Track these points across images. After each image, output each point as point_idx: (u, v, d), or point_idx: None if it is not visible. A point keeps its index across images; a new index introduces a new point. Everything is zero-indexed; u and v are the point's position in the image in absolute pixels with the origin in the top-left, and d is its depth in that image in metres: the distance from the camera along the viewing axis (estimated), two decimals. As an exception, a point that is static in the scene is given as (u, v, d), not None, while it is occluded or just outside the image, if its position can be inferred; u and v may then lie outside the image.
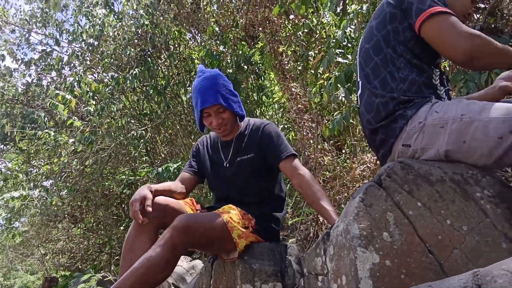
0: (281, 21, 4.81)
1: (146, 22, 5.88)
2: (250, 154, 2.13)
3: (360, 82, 1.63)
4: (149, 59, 6.21)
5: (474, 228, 1.26)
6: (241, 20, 5.44)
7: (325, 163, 4.66)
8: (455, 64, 1.49)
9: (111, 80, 5.61)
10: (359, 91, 1.64)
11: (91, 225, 7.51)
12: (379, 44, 1.55)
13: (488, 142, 1.31)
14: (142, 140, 5.87)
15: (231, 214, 1.89)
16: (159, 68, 6.45)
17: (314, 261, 1.59)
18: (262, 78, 5.92)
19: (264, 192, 2.14)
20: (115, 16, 6.42)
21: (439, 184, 1.32)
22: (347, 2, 4.01)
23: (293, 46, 5.23)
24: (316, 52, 4.83)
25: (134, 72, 5.51)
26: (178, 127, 6.38)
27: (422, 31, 1.44)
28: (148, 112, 6.69)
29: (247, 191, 2.10)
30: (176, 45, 6.82)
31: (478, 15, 3.24)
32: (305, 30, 4.65)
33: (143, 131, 5.86)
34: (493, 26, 3.10)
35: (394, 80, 1.50)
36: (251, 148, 2.14)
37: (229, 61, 5.97)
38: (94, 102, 5.41)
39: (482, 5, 3.24)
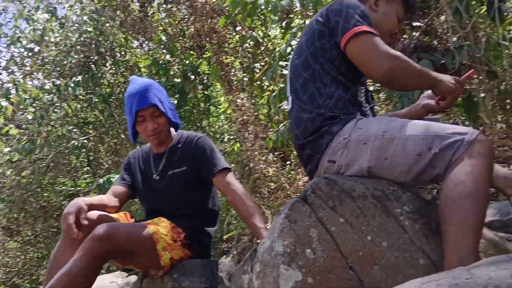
0: (228, 32, 4.80)
1: (89, 29, 5.71)
2: (183, 167, 2.09)
3: (290, 97, 1.64)
4: (93, 66, 6.03)
5: (394, 244, 1.28)
6: (189, 30, 5.39)
7: (270, 174, 4.67)
8: (376, 83, 1.53)
9: (52, 87, 5.39)
10: (290, 106, 1.64)
11: (28, 238, 7.15)
12: (307, 60, 1.57)
13: (408, 159, 1.34)
14: (84, 150, 5.67)
15: (159, 226, 1.84)
16: (104, 75, 6.27)
17: (242, 278, 1.56)
18: (210, 88, 5.88)
19: (197, 206, 2.10)
20: (58, 21, 6.20)
21: (361, 200, 1.34)
22: (291, 16, 4.07)
23: (240, 58, 5.25)
24: (263, 64, 4.86)
25: (77, 79, 5.32)
26: (123, 136, 6.22)
27: (347, 50, 1.47)
28: (92, 120, 6.48)
29: (179, 204, 2.05)
30: (123, 53, 6.67)
31: (414, 33, 3.37)
32: (251, 42, 4.67)
33: (85, 140, 5.66)
34: (427, 44, 3.24)
35: (321, 96, 1.52)
36: (184, 161, 2.09)
37: (176, 70, 5.90)
38: (32, 110, 5.18)
39: (418, 23, 3.38)
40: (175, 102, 5.89)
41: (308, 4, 3.63)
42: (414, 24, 3.34)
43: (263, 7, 3.65)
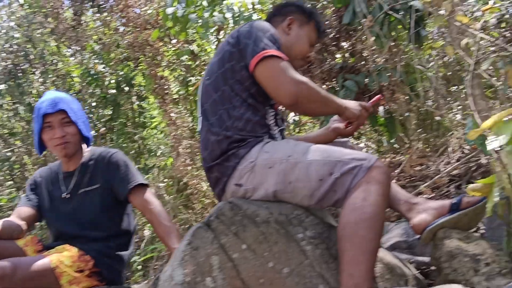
0: (162, 45, 4.73)
1: (17, 35, 5.44)
2: (95, 185, 1.97)
3: (200, 118, 1.62)
4: (20, 74, 5.73)
5: (294, 269, 1.28)
6: (123, 41, 5.26)
7: (203, 189, 4.61)
8: (283, 106, 1.54)
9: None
10: (199, 127, 1.62)
11: None
12: (218, 82, 1.56)
13: (310, 184, 1.35)
14: (7, 163, 5.35)
15: (63, 256, 1.73)
16: (32, 84, 5.98)
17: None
18: (145, 101, 5.76)
19: (110, 228, 1.98)
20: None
21: (265, 225, 1.33)
22: (223, 33, 4.08)
23: (176, 71, 5.18)
24: (198, 78, 4.83)
25: (1, 87, 5.03)
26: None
27: (255, 73, 1.47)
28: (18, 131, 6.14)
29: (90, 227, 1.93)
30: (54, 61, 6.41)
31: (339, 54, 3.48)
32: (186, 56, 4.63)
33: (10, 152, 5.35)
34: (352, 65, 3.34)
35: (230, 118, 1.51)
36: (97, 178, 1.98)
37: (112, 81, 5.73)
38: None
39: (344, 44, 3.48)
40: (109, 113, 5.73)
41: (240, 21, 3.66)
42: (341, 45, 3.44)
43: (198, 21, 3.64)
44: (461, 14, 2.60)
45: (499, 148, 1.08)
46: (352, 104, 1.56)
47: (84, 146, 2.04)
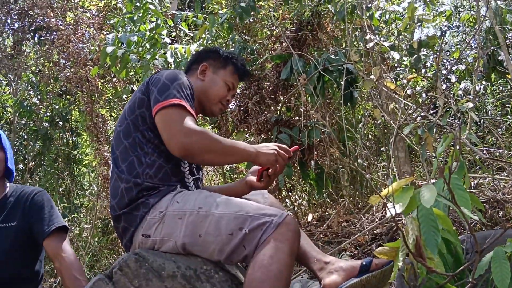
0: (102, 82, 4.64)
1: None
2: (12, 222, 1.85)
3: (111, 165, 1.57)
4: None
5: (197, 329, 1.22)
6: (62, 74, 5.12)
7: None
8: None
9: None
10: (110, 175, 1.57)
11: None
12: (129, 128, 1.53)
13: (220, 238, 1.32)
14: None
15: None
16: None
17: None
18: (78, 137, 5.57)
19: (19, 270, 1.84)
20: None
21: (170, 280, 1.28)
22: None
23: (114, 109, 5.08)
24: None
25: None
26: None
27: (155, 121, 1.46)
28: None
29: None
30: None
31: (278, 107, 3.56)
32: (125, 96, 4.56)
33: None
34: (288, 119, 3.42)
35: (141, 165, 1.47)
36: (15, 215, 1.85)
37: (47, 114, 5.52)
38: None
39: (281, 98, 3.58)
40: (39, 147, 5.48)
41: (182, 66, 3.67)
42: (278, 98, 3.53)
43: (137, 63, 3.61)
44: (389, 80, 2.76)
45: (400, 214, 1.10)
46: (265, 149, 1.51)
47: (4, 182, 1.94)
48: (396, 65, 3.67)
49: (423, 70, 3.92)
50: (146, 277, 1.27)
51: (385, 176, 3.28)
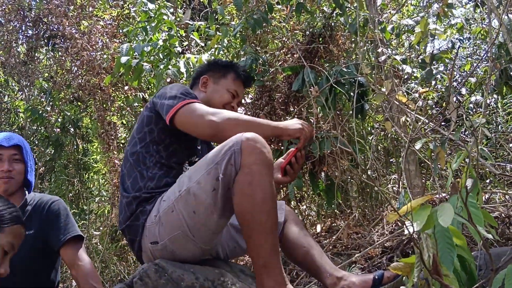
0: (114, 90, 4.70)
1: (-39, 65, 5.26)
2: (29, 230, 1.88)
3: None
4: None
5: None
6: (75, 82, 5.19)
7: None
8: (208, 140, 1.57)
9: None
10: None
11: None
12: (135, 146, 1.60)
13: (209, 200, 1.37)
14: None
15: None
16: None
17: None
18: (89, 144, 5.63)
19: (35, 278, 1.88)
20: None
21: (188, 291, 1.30)
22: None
23: (127, 117, 5.14)
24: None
25: None
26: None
27: (175, 124, 1.52)
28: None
29: (15, 275, 1.82)
30: (1, 95, 6.22)
31: (289, 118, 3.59)
32: (137, 104, 4.62)
33: None
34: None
35: (143, 179, 1.54)
36: (32, 224, 1.89)
37: (58, 120, 5.59)
38: None
39: (292, 109, 3.61)
40: (51, 153, 5.54)
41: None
42: (289, 109, 3.56)
43: (152, 72, 3.67)
44: (401, 94, 2.78)
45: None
46: (290, 122, 1.55)
47: (24, 192, 1.98)
48: (406, 77, 3.70)
49: (433, 82, 3.94)
50: (166, 287, 1.30)
51: (395, 189, 3.29)
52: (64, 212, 1.94)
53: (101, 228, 4.76)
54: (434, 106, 3.54)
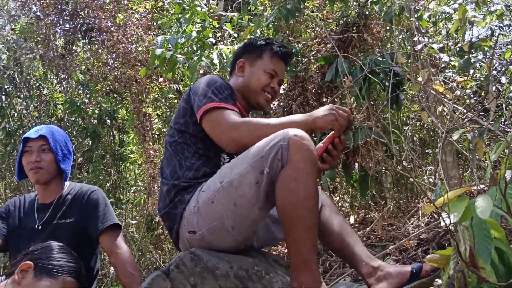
0: (149, 82, 4.78)
1: (3, 57, 5.46)
2: (70, 218, 1.96)
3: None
4: (3, 97, 5.71)
5: (249, 327, 1.27)
6: (111, 74, 5.31)
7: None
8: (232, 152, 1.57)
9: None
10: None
11: None
12: (174, 136, 1.63)
13: (251, 192, 1.38)
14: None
15: None
16: (15, 108, 5.95)
17: None
18: (125, 135, 5.76)
19: None
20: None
21: (223, 279, 1.33)
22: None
23: (161, 108, 5.22)
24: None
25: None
26: (25, 174, 5.82)
27: (202, 126, 1.54)
28: (-6, 154, 6.04)
29: None
30: (41, 87, 6.42)
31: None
32: (171, 95, 4.68)
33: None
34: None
35: (182, 168, 1.57)
36: (72, 212, 1.96)
37: (95, 112, 5.74)
38: None
39: (325, 100, 3.58)
40: (88, 144, 5.69)
41: (227, 67, 3.74)
42: (322, 100, 3.53)
43: (186, 64, 3.71)
44: (438, 83, 2.71)
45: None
46: (321, 112, 1.47)
47: (62, 180, 2.04)
48: (443, 65, 3.60)
49: (472, 71, 3.82)
50: (201, 275, 1.33)
51: (432, 180, 3.22)
52: (103, 201, 1.99)
53: (137, 218, 4.87)
54: (472, 95, 3.45)
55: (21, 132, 5.77)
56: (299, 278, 1.30)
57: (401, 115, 3.83)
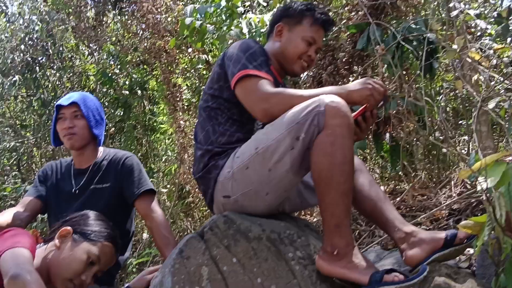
0: (178, 52, 4.80)
1: (36, 28, 5.56)
2: (106, 183, 2.02)
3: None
4: (37, 68, 5.84)
5: (282, 288, 1.30)
6: (141, 45, 5.35)
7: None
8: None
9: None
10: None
11: None
12: (208, 101, 1.64)
13: (285, 158, 1.39)
14: (16, 153, 5.43)
15: None
16: (48, 79, 6.09)
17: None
18: (156, 106, 5.83)
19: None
20: (7, 18, 6.00)
21: (256, 242, 1.36)
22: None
23: (191, 79, 5.25)
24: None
25: (14, 79, 5.12)
26: (60, 144, 6.00)
27: (235, 93, 1.54)
28: (30, 124, 6.23)
29: None
30: (73, 58, 6.53)
31: (351, 78, 3.51)
32: (201, 66, 4.69)
33: (19, 144, 5.43)
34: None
35: (215, 133, 1.58)
36: (108, 177, 2.03)
37: (126, 83, 5.82)
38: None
39: (356, 69, 3.52)
40: (120, 114, 5.80)
41: (256, 36, 3.71)
42: (354, 69, 3.47)
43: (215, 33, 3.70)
44: (474, 51, 2.63)
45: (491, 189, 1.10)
46: (357, 86, 1.46)
47: (96, 146, 2.10)
48: (480, 33, 3.47)
49: (510, 39, 3.67)
50: (234, 237, 1.36)
51: (465, 151, 3.16)
52: (137, 167, 2.05)
53: (168, 186, 4.98)
54: (509, 64, 3.32)
55: (55, 102, 5.92)
56: (332, 242, 1.31)
57: (434, 84, 3.73)
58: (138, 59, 5.75)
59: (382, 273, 1.27)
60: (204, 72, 4.92)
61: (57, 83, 6.27)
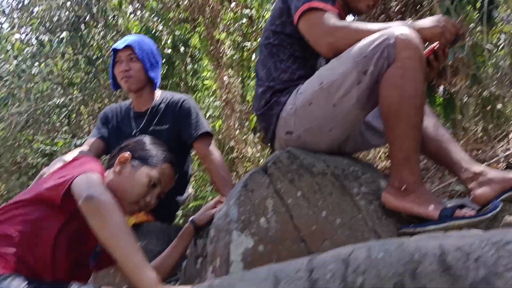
0: (222, 7, 4.74)
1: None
2: (165, 125, 2.07)
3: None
4: (83, 26, 5.91)
5: (347, 222, 1.30)
6: (183, 1, 5.30)
7: (249, 155, 4.66)
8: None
9: (36, 41, 5.30)
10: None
11: (1, 193, 7.06)
12: (269, 37, 1.61)
13: (352, 93, 1.36)
14: (65, 109, 5.59)
15: None
16: (93, 37, 6.17)
17: (197, 243, 1.58)
18: (198, 62, 5.82)
19: None
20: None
21: (320, 177, 1.35)
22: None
23: (233, 35, 5.19)
24: (254, 43, 4.82)
25: (61, 36, 5.22)
26: (106, 101, 6.14)
27: (299, 28, 1.49)
28: (77, 82, 6.38)
29: None
30: (116, 17, 6.56)
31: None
32: (243, 21, 4.62)
33: (68, 100, 5.58)
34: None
35: (277, 70, 1.55)
36: (167, 119, 2.07)
37: (168, 41, 5.82)
38: (15, 62, 5.08)
39: (410, 19, 3.38)
40: (164, 71, 5.85)
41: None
42: (407, 19, 3.33)
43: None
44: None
45: None
46: (428, 23, 1.38)
47: (153, 89, 2.13)
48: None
49: None
50: (298, 172, 1.36)
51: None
52: (195, 110, 2.07)
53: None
54: None
55: (100, 61, 6.01)
56: (400, 176, 1.28)
57: (492, 36, 3.54)
58: (180, 16, 5.72)
59: (454, 208, 1.24)
60: (246, 29, 4.85)
61: (101, 42, 6.35)
